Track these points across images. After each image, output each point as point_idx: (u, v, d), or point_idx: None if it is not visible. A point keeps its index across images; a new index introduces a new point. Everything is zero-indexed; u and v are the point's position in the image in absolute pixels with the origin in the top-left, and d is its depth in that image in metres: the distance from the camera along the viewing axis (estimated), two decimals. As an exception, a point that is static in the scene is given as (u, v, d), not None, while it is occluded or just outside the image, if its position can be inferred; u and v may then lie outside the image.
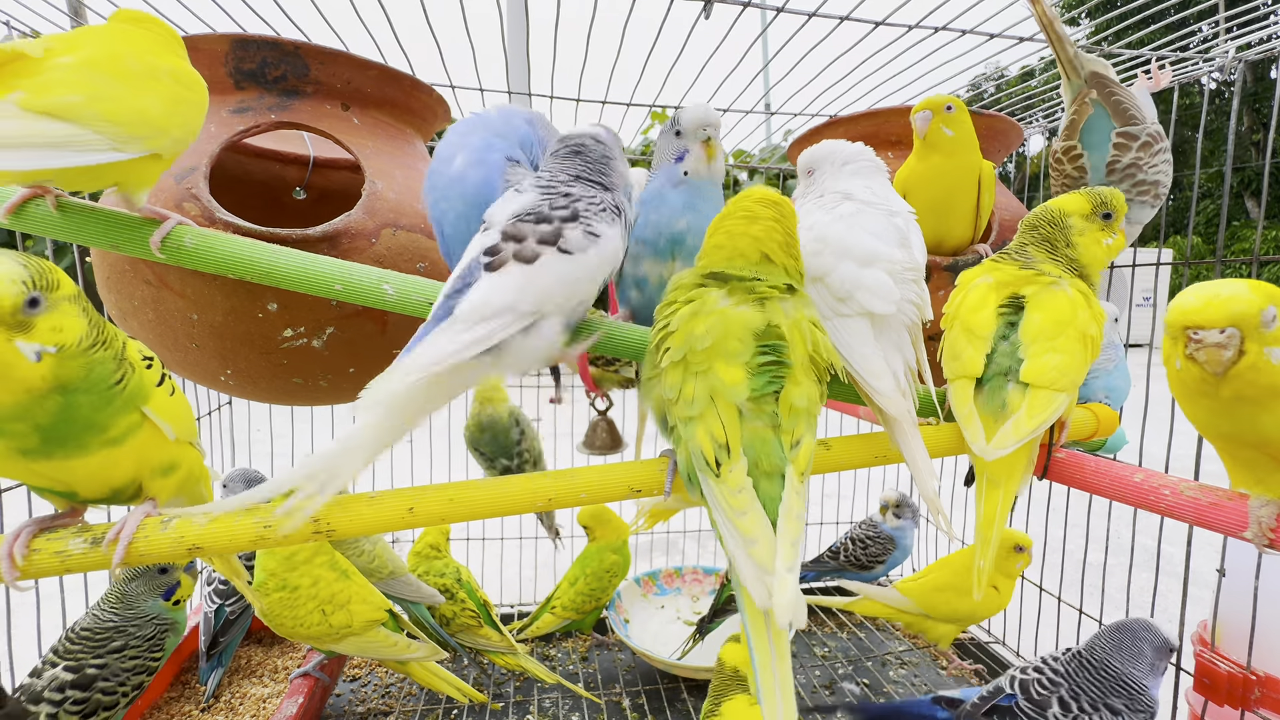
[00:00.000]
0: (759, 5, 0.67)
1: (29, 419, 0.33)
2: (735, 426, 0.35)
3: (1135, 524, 0.86)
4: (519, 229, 0.40)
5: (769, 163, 1.33)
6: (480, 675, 0.93)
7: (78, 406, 0.34)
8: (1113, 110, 0.63)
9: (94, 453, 0.36)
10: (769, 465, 0.35)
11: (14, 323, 0.31)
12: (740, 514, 0.33)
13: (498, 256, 0.39)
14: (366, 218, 0.59)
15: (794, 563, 0.32)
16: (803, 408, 0.36)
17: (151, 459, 0.39)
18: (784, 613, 0.30)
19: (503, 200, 0.43)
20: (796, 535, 0.33)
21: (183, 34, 0.62)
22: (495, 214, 0.42)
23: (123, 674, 0.65)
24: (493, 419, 0.91)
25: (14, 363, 0.31)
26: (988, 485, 0.45)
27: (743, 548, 0.32)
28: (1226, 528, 0.40)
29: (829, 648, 1.03)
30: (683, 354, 0.37)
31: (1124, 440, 0.69)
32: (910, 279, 0.47)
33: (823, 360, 0.38)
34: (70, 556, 0.36)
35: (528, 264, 0.39)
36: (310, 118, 0.61)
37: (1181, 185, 5.72)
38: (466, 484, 0.41)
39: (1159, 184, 0.64)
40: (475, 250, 0.40)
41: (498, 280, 0.38)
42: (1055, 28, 0.63)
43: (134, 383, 0.36)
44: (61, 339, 0.32)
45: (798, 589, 0.31)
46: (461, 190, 0.52)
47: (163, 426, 0.38)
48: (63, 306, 0.33)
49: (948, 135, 0.64)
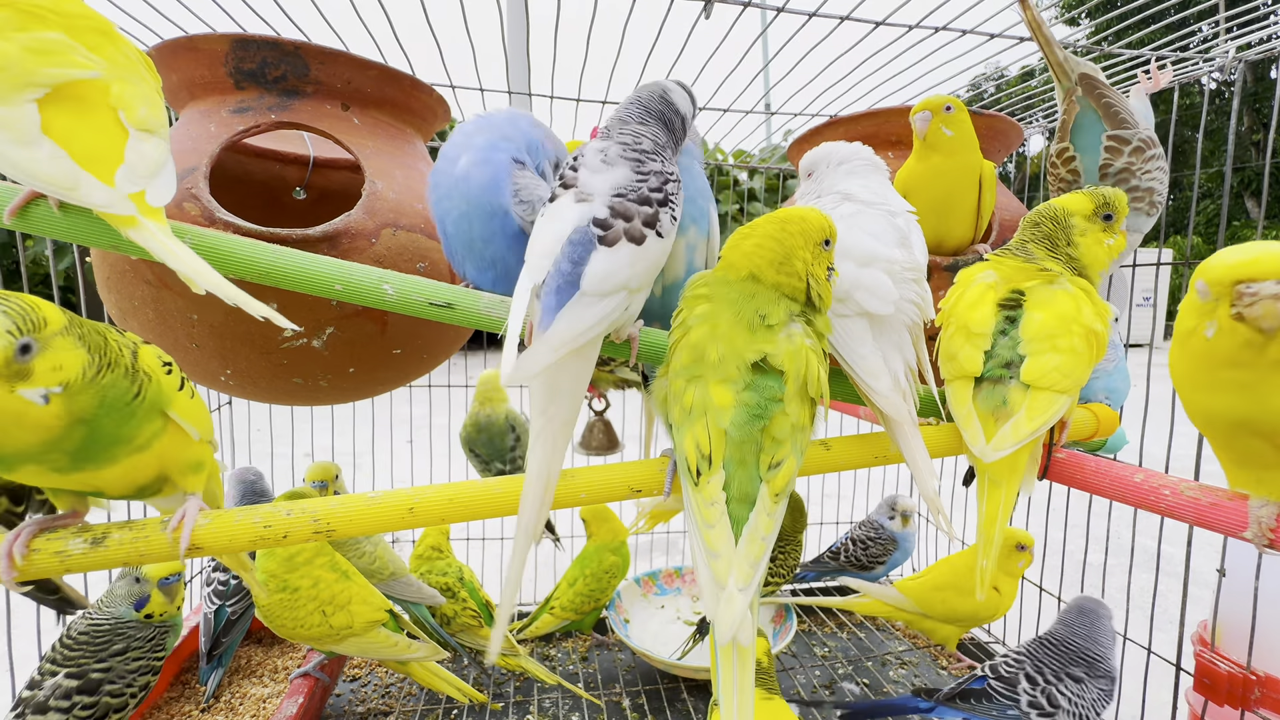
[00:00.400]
0: (759, 5, 0.68)
1: (58, 448, 0.33)
2: (720, 441, 0.36)
3: (1135, 524, 0.86)
4: (626, 208, 0.42)
5: (769, 163, 1.33)
6: (480, 675, 0.93)
7: (102, 429, 0.34)
8: (1102, 112, 0.63)
9: (122, 461, 0.36)
10: (741, 490, 0.35)
11: (10, 373, 0.30)
12: (709, 526, 0.34)
13: (610, 231, 0.40)
14: (366, 218, 0.59)
15: (748, 583, 0.33)
16: (787, 436, 0.36)
17: (178, 458, 0.40)
18: (725, 629, 0.32)
19: (592, 170, 0.44)
20: (757, 556, 0.34)
21: (183, 34, 0.62)
22: (592, 184, 0.43)
23: (128, 675, 0.64)
24: (490, 420, 0.91)
25: (24, 411, 0.31)
26: (989, 485, 0.45)
27: (705, 560, 0.34)
28: (1226, 528, 0.40)
29: (829, 648, 1.03)
30: (689, 362, 0.38)
31: (1124, 440, 0.69)
32: (910, 279, 0.47)
33: (814, 392, 0.38)
34: (70, 556, 0.36)
35: (637, 244, 0.41)
36: (310, 118, 0.61)
37: (1181, 185, 5.72)
38: (466, 484, 0.41)
39: (1154, 191, 0.63)
40: (577, 218, 0.41)
41: (615, 256, 0.40)
42: (1043, 30, 0.64)
43: (152, 391, 0.37)
44: (64, 376, 0.32)
45: (744, 607, 0.32)
46: (465, 190, 0.51)
47: (188, 429, 0.39)
48: (55, 343, 0.32)
49: (947, 135, 0.64)
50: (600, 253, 0.40)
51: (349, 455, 1.26)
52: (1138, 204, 0.63)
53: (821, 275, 0.41)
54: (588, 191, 0.43)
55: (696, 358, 0.38)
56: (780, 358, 0.37)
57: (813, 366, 0.37)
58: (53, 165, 0.35)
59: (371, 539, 0.82)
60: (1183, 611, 0.77)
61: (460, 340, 0.74)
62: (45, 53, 0.36)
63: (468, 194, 0.51)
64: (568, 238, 0.40)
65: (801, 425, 0.37)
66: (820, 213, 0.42)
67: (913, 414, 0.44)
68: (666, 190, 0.43)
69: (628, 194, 0.42)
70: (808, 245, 0.40)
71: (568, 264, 0.39)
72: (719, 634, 0.32)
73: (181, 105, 0.64)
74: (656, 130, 0.48)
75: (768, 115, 1.07)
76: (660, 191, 0.43)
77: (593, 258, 0.39)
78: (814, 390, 0.37)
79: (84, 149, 0.37)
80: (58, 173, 0.35)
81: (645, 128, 0.48)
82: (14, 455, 0.33)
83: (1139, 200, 0.63)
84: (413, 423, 1.29)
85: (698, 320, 0.39)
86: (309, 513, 0.39)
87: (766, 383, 0.37)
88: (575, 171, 0.44)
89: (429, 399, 1.26)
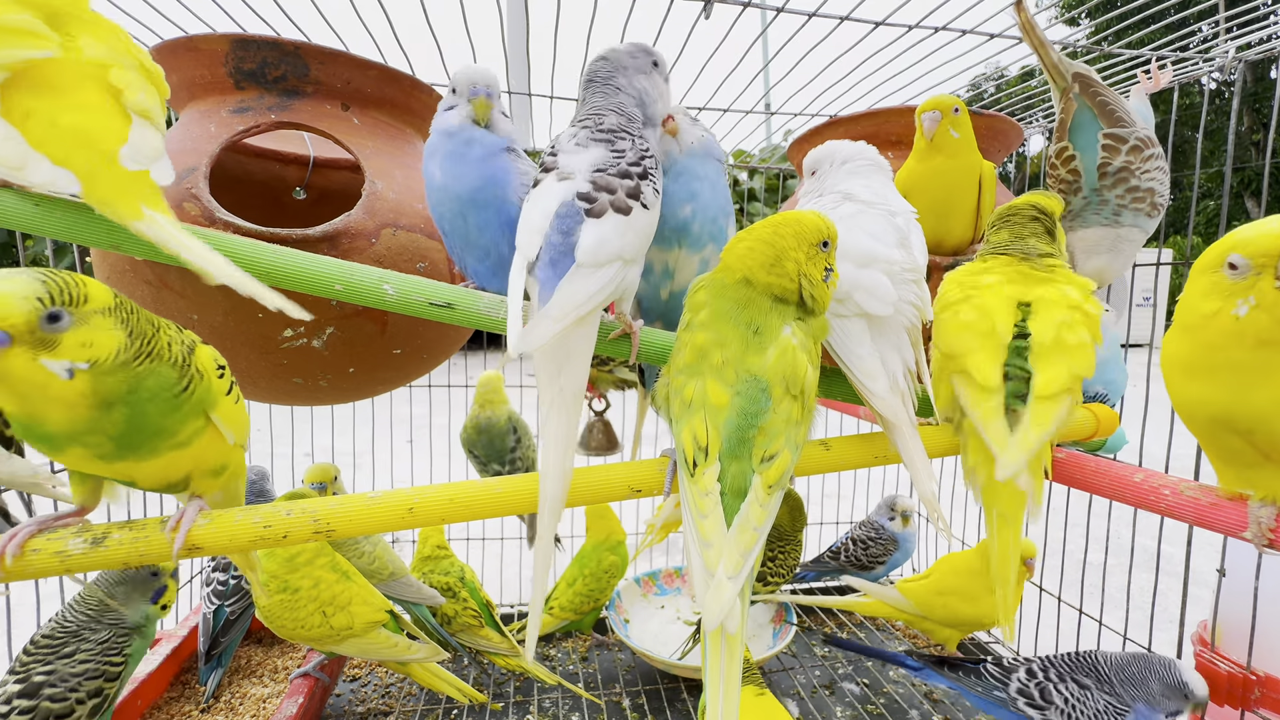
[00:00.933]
0: (759, 5, 0.68)
1: (101, 431, 0.34)
2: (717, 434, 0.37)
3: (1135, 524, 0.86)
4: (608, 181, 0.43)
5: (769, 163, 1.33)
6: (480, 675, 0.93)
7: (147, 415, 0.35)
8: (1098, 110, 0.63)
9: (162, 455, 0.37)
10: (735, 484, 0.36)
11: (35, 340, 0.30)
12: (703, 516, 0.35)
13: (596, 204, 0.42)
14: (366, 218, 0.59)
15: (738, 572, 0.33)
16: (780, 431, 0.37)
17: (208, 460, 0.40)
18: (713, 615, 0.32)
19: (569, 153, 0.45)
20: (748, 546, 0.34)
21: (183, 34, 0.62)
22: (571, 164, 0.44)
23: (72, 679, 0.59)
24: (490, 422, 0.91)
25: (46, 383, 0.31)
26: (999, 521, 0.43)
27: (698, 549, 0.35)
28: (1226, 528, 0.40)
29: (829, 648, 1.03)
30: (692, 361, 0.39)
31: (1124, 440, 0.69)
32: (910, 280, 0.47)
33: (794, 390, 0.38)
34: (70, 556, 0.36)
35: (624, 215, 0.42)
36: (310, 118, 0.61)
37: (1181, 185, 5.72)
38: (466, 484, 0.41)
39: (1154, 192, 0.62)
40: (562, 193, 0.42)
41: (604, 226, 0.41)
42: (1036, 33, 0.64)
43: (201, 389, 0.37)
44: (93, 354, 0.32)
45: (734, 595, 0.33)
46: (458, 190, 0.52)
47: (226, 433, 0.39)
48: (94, 320, 0.32)
49: (954, 137, 0.64)
50: (589, 224, 0.41)
51: (349, 455, 1.26)
52: (1138, 205, 0.63)
53: (817, 276, 0.40)
54: (568, 170, 0.44)
55: (699, 358, 0.39)
56: (768, 369, 0.38)
57: (799, 367, 0.38)
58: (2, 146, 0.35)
59: (371, 539, 0.82)
60: (1183, 611, 0.77)
61: (460, 340, 0.74)
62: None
63: (459, 193, 0.52)
64: (555, 212, 0.42)
65: (794, 420, 0.37)
66: (819, 215, 0.42)
67: (911, 416, 0.44)
68: (645, 165, 0.45)
69: (607, 169, 0.44)
70: (801, 246, 0.40)
71: (557, 235, 0.41)
72: (707, 620, 0.33)
73: (181, 105, 0.64)
74: (617, 101, 0.49)
75: (768, 115, 1.07)
76: (639, 166, 0.44)
77: (582, 229, 0.41)
78: (794, 389, 0.38)
79: (70, 130, 0.36)
80: (5, 153, 0.35)
81: (606, 100, 0.49)
82: (55, 434, 0.33)
83: (1139, 200, 0.63)
84: (413, 423, 1.29)
85: (701, 325, 0.40)
86: (309, 513, 0.39)
87: (758, 385, 0.37)
88: (554, 156, 0.46)
89: (429, 399, 1.26)
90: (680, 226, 0.53)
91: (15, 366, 0.30)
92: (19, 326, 0.30)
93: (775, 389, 0.37)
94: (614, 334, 0.46)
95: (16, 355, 0.30)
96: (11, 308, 0.30)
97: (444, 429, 1.25)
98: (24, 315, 0.30)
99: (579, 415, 0.42)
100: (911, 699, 0.89)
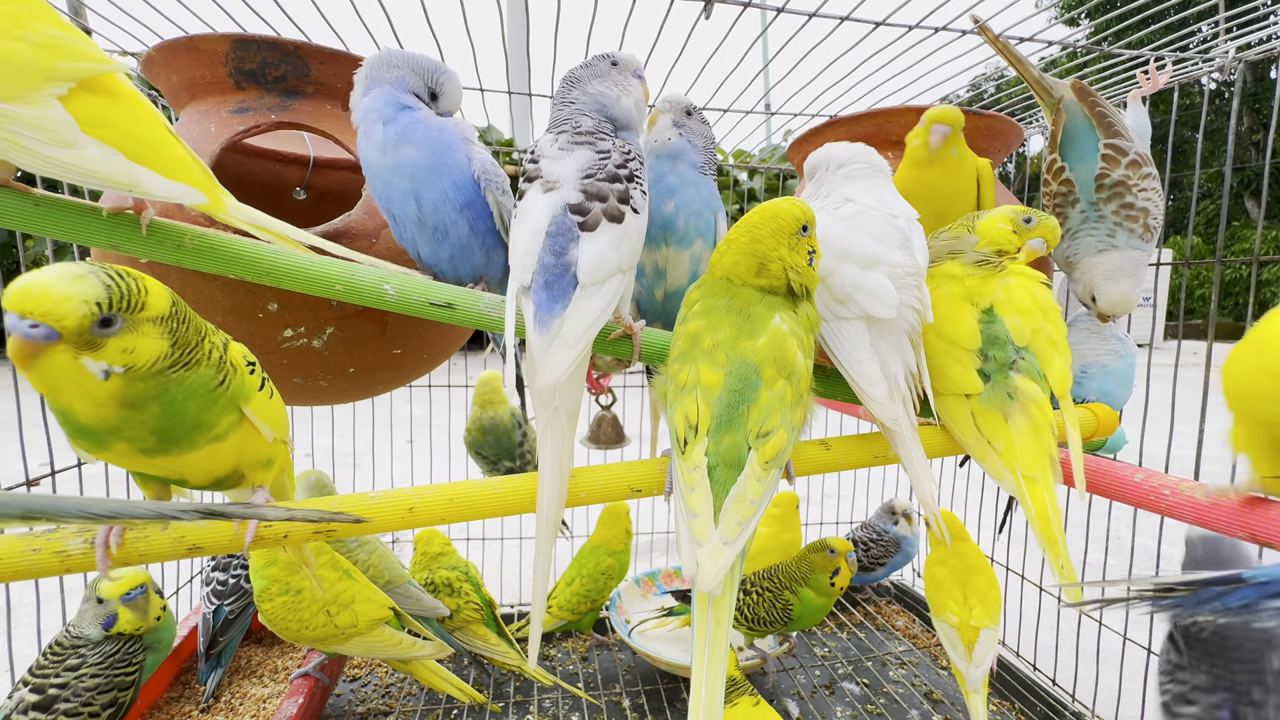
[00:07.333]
0: (759, 5, 0.67)
1: (139, 426, 0.34)
2: (707, 412, 0.37)
3: (1135, 524, 0.86)
4: (599, 188, 0.42)
5: (769, 163, 1.33)
6: (480, 675, 0.93)
7: (185, 410, 0.35)
8: (1096, 121, 0.62)
9: (201, 448, 0.37)
10: (728, 455, 0.36)
11: (82, 341, 0.31)
12: (690, 490, 0.35)
13: (589, 216, 0.41)
14: (366, 217, 0.59)
15: (734, 538, 0.34)
16: (775, 408, 0.37)
17: (251, 453, 0.41)
18: (707, 580, 0.33)
19: (552, 159, 0.44)
20: (745, 516, 0.35)
21: (183, 34, 0.62)
22: (556, 171, 0.43)
23: (85, 694, 0.61)
24: (494, 421, 0.90)
25: (81, 380, 0.31)
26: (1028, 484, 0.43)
27: (685, 520, 0.35)
28: (1226, 528, 0.40)
29: (829, 648, 1.03)
30: (686, 349, 0.40)
31: (1124, 440, 0.69)
32: (911, 283, 0.47)
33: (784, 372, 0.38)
34: (70, 556, 0.36)
35: (618, 223, 0.41)
36: (310, 118, 0.61)
37: (1181, 185, 5.72)
38: (466, 484, 0.41)
39: (1148, 213, 0.62)
40: (550, 207, 0.42)
41: (599, 241, 0.41)
42: (1011, 51, 0.64)
43: (235, 384, 0.38)
44: (131, 360, 0.32)
45: (730, 560, 0.34)
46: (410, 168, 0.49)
47: (261, 427, 0.40)
48: (144, 328, 0.33)
49: (954, 155, 0.62)
50: (586, 240, 0.40)
51: (349, 455, 1.26)
52: (1131, 223, 0.62)
53: (802, 264, 0.41)
54: (553, 179, 0.43)
55: (692, 345, 0.39)
56: (759, 351, 0.38)
57: (789, 350, 0.38)
58: (106, 164, 0.35)
59: (368, 546, 0.81)
60: (1182, 611, 0.77)
61: (460, 340, 0.74)
62: (55, 48, 0.34)
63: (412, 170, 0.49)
64: (545, 230, 0.41)
65: (788, 401, 0.38)
66: (792, 201, 0.42)
67: (911, 420, 0.44)
68: (630, 167, 0.44)
69: (596, 173, 0.42)
70: (781, 242, 0.40)
71: (550, 256, 0.40)
72: (700, 582, 0.33)
73: (181, 105, 0.64)
74: (573, 110, 0.48)
75: (768, 115, 1.07)
76: (625, 168, 0.44)
77: (581, 247, 0.40)
78: (785, 370, 0.38)
79: (134, 144, 0.36)
80: (115, 171, 0.35)
81: (572, 108, 0.48)
82: (90, 428, 0.34)
83: (1133, 220, 0.62)
84: (413, 423, 1.29)
85: (694, 315, 0.40)
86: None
87: (749, 365, 0.38)
88: (536, 164, 0.44)
89: (429, 399, 1.27)
90: (665, 224, 0.53)
91: (56, 362, 0.31)
92: (70, 329, 0.30)
93: (767, 370, 0.37)
94: (614, 334, 0.46)
95: (60, 352, 0.31)
96: (68, 309, 0.30)
97: (444, 429, 1.25)
98: (78, 319, 0.30)
99: (574, 434, 0.42)
100: (911, 699, 0.89)
